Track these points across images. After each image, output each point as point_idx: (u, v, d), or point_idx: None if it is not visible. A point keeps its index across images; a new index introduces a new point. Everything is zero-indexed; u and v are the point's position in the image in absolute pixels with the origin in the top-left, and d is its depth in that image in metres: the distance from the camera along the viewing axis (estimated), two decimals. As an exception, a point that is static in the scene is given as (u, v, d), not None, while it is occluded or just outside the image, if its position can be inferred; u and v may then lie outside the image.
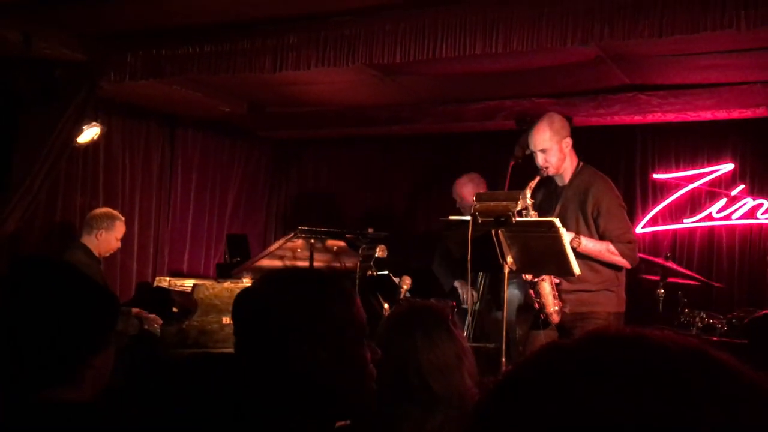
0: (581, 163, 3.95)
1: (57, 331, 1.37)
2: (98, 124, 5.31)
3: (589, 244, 3.72)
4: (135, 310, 4.76)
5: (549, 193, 3.99)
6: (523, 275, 3.75)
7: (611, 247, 3.74)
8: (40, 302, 1.41)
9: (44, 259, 1.69)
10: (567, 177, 3.92)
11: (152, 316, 4.70)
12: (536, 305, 3.79)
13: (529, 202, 3.74)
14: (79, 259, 4.59)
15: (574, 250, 3.60)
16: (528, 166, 4.08)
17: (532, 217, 3.73)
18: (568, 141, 3.88)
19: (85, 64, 4.69)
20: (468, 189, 5.07)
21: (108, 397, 1.46)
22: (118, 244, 5.00)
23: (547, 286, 3.75)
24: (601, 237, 3.79)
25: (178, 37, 4.41)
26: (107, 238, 4.85)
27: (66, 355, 1.36)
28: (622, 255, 3.76)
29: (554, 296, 3.78)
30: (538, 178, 3.83)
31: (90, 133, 5.27)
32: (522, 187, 3.75)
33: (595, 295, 3.80)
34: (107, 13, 4.20)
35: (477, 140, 6.41)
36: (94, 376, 1.38)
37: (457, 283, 5.03)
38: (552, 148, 3.83)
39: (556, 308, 3.78)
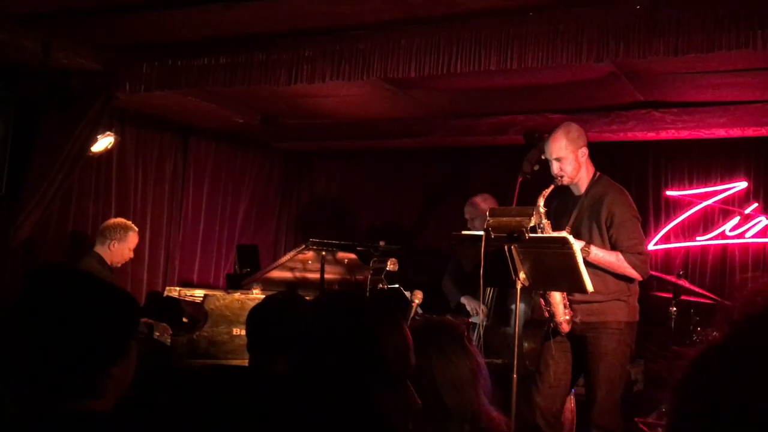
0: (598, 173, 3.93)
1: (76, 346, 1.38)
2: (112, 134, 5.34)
3: (599, 254, 3.70)
4: (144, 319, 4.76)
5: (564, 203, 3.97)
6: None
7: (620, 257, 3.73)
8: (58, 315, 1.41)
9: (62, 268, 1.69)
10: (583, 187, 3.90)
11: (162, 324, 4.71)
12: (546, 314, 3.78)
13: (543, 210, 3.72)
14: (93, 268, 4.60)
15: (584, 260, 3.59)
16: (537, 182, 4.07)
17: (546, 226, 3.72)
18: (584, 150, 3.86)
19: (102, 74, 4.73)
20: (482, 208, 5.04)
21: (125, 406, 1.47)
22: (131, 255, 5.02)
23: (557, 295, 3.73)
24: (613, 247, 3.77)
25: (194, 48, 4.45)
26: (120, 248, 4.87)
27: (86, 368, 1.37)
28: (633, 266, 3.73)
29: (564, 305, 3.76)
30: (552, 186, 3.82)
31: (104, 142, 5.29)
32: (531, 202, 3.74)
33: (606, 305, 3.78)
34: (124, 25, 4.24)
35: (488, 155, 6.41)
36: (115, 385, 1.39)
37: (464, 299, 5.01)
38: (567, 157, 3.81)
39: (567, 317, 3.76)
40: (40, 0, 3.95)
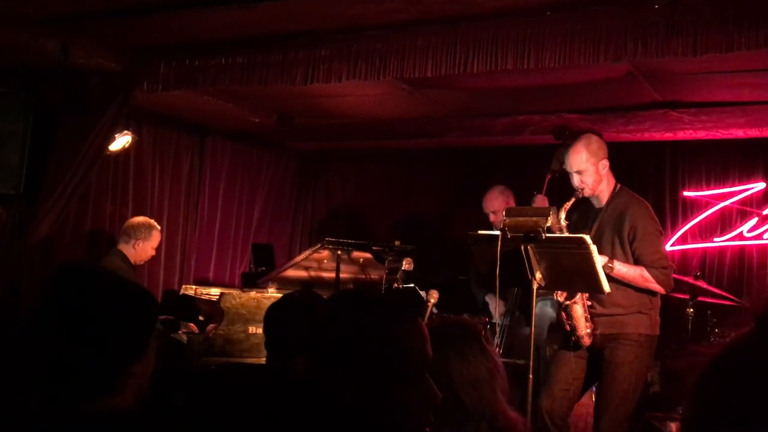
0: (619, 185, 3.91)
1: (96, 343, 1.39)
2: (130, 133, 5.38)
3: (622, 269, 3.67)
4: (165, 317, 4.80)
5: (585, 215, 3.95)
6: (555, 297, 3.71)
7: (645, 272, 3.69)
8: (78, 313, 1.42)
9: (82, 267, 1.71)
10: (604, 199, 3.88)
11: (190, 324, 4.76)
12: (567, 327, 3.75)
13: (564, 223, 3.70)
14: (118, 266, 4.68)
15: (607, 275, 3.56)
16: (565, 180, 4.04)
17: None
18: (605, 163, 3.84)
19: (119, 74, 4.76)
20: (500, 202, 5.04)
21: (143, 403, 1.48)
22: (153, 253, 5.08)
23: (579, 308, 3.70)
24: (636, 261, 3.74)
25: (211, 48, 4.46)
26: (144, 247, 4.93)
27: (106, 366, 1.38)
28: (656, 280, 3.70)
29: (586, 318, 3.72)
30: (573, 199, 3.80)
31: (121, 141, 5.33)
32: (558, 201, 3.74)
33: (627, 318, 3.75)
34: (142, 26, 4.26)
35: (504, 154, 6.40)
36: (134, 383, 1.40)
37: (488, 298, 5.00)
38: (588, 170, 3.79)
39: (588, 331, 3.72)
40: (59, 1, 3.99)
